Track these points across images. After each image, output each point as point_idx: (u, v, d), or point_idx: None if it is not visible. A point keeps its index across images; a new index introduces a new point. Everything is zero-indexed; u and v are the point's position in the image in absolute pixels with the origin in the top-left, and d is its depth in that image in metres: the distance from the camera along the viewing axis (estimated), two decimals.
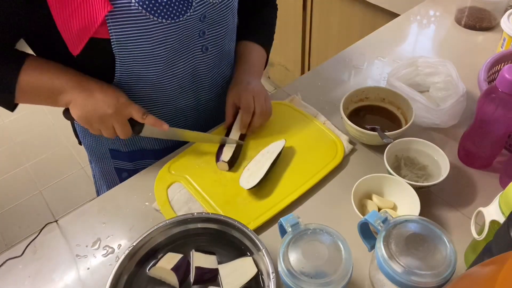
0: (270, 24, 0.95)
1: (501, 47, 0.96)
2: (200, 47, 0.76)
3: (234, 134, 0.81)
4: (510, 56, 0.86)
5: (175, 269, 0.59)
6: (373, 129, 0.77)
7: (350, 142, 0.81)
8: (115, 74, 0.71)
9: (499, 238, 0.48)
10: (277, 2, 0.97)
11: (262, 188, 0.73)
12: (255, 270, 0.59)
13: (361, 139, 0.81)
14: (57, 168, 2.19)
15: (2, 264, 0.66)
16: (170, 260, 0.60)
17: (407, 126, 0.77)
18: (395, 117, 0.84)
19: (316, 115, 0.87)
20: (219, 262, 0.61)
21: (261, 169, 0.74)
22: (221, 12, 0.74)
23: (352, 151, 0.81)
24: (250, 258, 0.60)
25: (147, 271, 0.61)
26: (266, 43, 0.92)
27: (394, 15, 1.35)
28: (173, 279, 0.59)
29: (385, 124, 0.83)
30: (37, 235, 0.70)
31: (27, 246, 0.69)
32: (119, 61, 0.68)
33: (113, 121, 0.69)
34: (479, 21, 1.10)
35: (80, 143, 0.95)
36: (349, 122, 0.78)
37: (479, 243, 0.57)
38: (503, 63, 0.87)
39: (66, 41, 0.64)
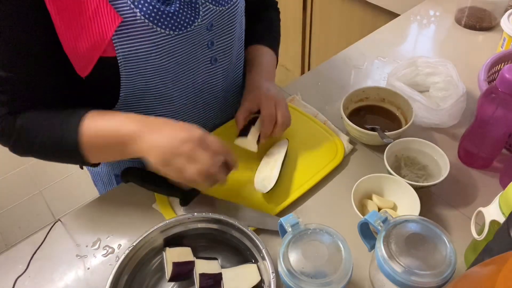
0: (275, 28, 0.92)
1: (501, 47, 0.96)
2: (209, 59, 0.73)
3: (252, 140, 0.75)
4: (510, 56, 0.86)
5: (175, 265, 0.59)
6: (373, 129, 0.77)
7: (350, 142, 0.81)
8: (120, 91, 0.68)
9: (499, 238, 0.48)
10: (277, 2, 0.96)
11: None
12: (258, 279, 0.58)
13: (361, 139, 0.81)
14: (57, 168, 2.19)
15: (13, 285, 0.65)
16: (181, 254, 0.60)
17: (407, 126, 0.77)
18: (395, 117, 0.84)
19: (316, 115, 0.87)
20: (222, 266, 0.61)
21: (273, 169, 0.73)
22: (228, 20, 0.72)
23: (352, 151, 0.81)
24: (255, 265, 0.59)
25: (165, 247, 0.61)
26: (275, 46, 0.89)
27: (394, 15, 1.35)
28: (168, 270, 0.59)
29: (385, 124, 0.83)
30: (44, 240, 0.70)
31: (32, 256, 0.67)
32: (125, 78, 0.65)
33: (198, 153, 0.58)
34: (479, 21, 1.10)
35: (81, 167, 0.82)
36: (349, 122, 0.78)
37: (479, 243, 0.57)
38: (503, 63, 0.87)
39: (74, 63, 0.62)
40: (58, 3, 0.56)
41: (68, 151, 0.63)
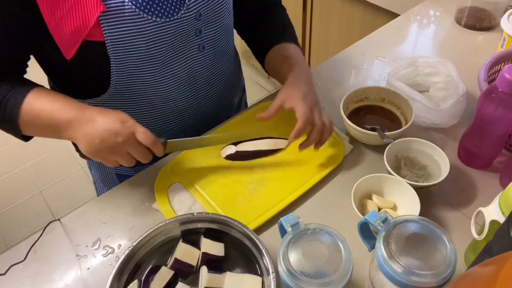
0: (291, 25, 0.91)
1: (501, 47, 0.96)
2: (197, 46, 0.75)
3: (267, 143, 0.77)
4: (510, 56, 0.86)
5: (179, 260, 0.59)
6: (373, 129, 0.77)
7: (350, 142, 0.81)
8: (111, 77, 0.70)
9: (499, 238, 0.48)
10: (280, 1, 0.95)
11: (262, 188, 0.73)
12: None
13: (361, 139, 0.81)
14: (57, 168, 2.19)
15: (6, 271, 0.66)
16: (187, 253, 0.61)
17: (407, 126, 0.77)
18: (395, 117, 0.84)
19: None
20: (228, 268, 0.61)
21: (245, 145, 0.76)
22: (216, 10, 0.74)
23: (352, 151, 0.81)
24: (259, 278, 0.58)
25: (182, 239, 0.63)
26: (297, 42, 0.88)
27: (394, 15, 1.35)
28: (169, 261, 0.61)
29: (385, 124, 0.83)
30: (40, 236, 0.70)
31: (30, 248, 0.69)
32: (115, 63, 0.68)
33: (127, 148, 0.64)
34: (479, 21, 1.10)
35: (77, 150, 0.92)
36: (349, 122, 0.78)
37: (479, 243, 0.57)
38: (503, 63, 0.87)
39: (59, 44, 0.64)
40: None
41: (7, 121, 0.66)
